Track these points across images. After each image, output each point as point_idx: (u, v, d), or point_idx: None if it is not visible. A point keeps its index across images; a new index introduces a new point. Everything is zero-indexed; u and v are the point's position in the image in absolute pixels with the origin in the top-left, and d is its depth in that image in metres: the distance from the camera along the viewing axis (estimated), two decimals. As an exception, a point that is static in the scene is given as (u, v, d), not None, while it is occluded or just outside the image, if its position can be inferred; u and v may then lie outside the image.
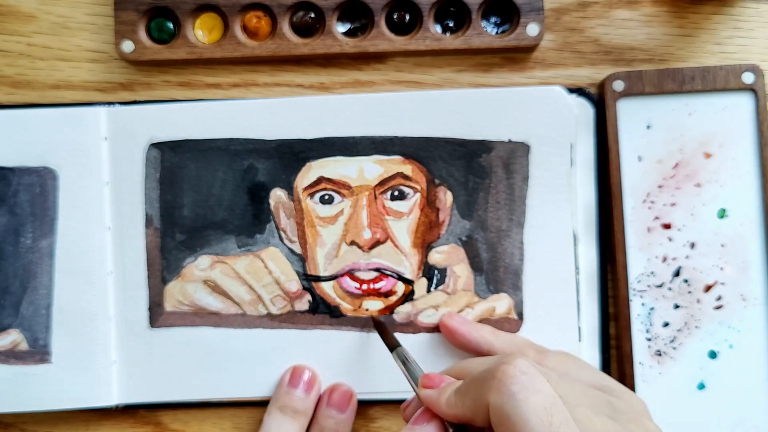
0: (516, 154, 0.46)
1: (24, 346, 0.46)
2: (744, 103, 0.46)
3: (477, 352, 0.44)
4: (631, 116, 0.46)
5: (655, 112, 0.46)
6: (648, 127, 0.46)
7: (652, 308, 0.46)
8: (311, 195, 0.47)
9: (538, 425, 0.30)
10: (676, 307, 0.46)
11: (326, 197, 0.47)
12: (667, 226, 0.46)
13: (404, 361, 0.40)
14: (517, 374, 0.32)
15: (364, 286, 0.47)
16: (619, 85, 0.45)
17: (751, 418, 0.45)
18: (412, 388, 0.38)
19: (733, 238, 0.45)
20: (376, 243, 0.46)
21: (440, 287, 0.47)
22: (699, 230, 0.46)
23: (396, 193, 0.47)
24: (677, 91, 0.46)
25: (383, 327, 0.45)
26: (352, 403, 0.46)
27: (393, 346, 0.42)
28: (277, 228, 0.47)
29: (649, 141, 0.46)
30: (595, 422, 0.33)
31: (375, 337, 0.46)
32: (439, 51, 0.47)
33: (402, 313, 0.47)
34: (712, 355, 0.45)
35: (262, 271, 0.47)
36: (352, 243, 0.46)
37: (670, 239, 0.46)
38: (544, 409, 0.31)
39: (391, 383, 0.46)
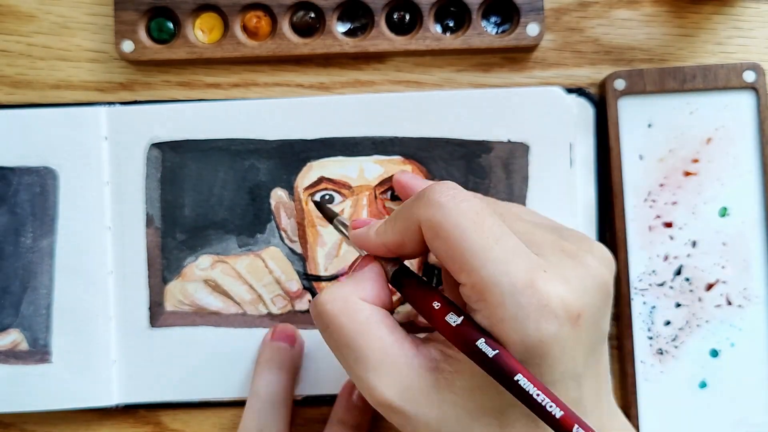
0: (515, 154, 0.46)
1: (24, 346, 0.46)
2: (745, 102, 0.46)
3: None
4: (632, 115, 0.46)
5: (656, 110, 0.46)
6: (649, 125, 0.46)
7: (653, 307, 0.46)
8: (312, 195, 0.47)
9: (470, 227, 0.30)
10: (678, 305, 0.46)
11: (327, 197, 0.47)
12: (668, 225, 0.46)
13: (345, 226, 0.40)
14: (444, 189, 0.31)
15: (365, 286, 0.46)
16: (620, 84, 0.46)
17: (752, 416, 0.45)
18: (354, 248, 0.38)
19: (735, 237, 0.45)
20: (377, 243, 0.46)
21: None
22: (700, 229, 0.46)
23: (396, 193, 0.47)
24: (678, 89, 0.46)
25: (318, 204, 0.45)
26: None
27: (331, 217, 0.42)
28: (278, 228, 0.47)
29: (650, 139, 0.46)
30: (535, 234, 0.32)
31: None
32: (439, 51, 0.47)
33: (402, 313, 0.46)
34: (714, 353, 0.45)
35: (262, 271, 0.47)
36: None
37: (671, 238, 0.46)
38: (475, 213, 0.30)
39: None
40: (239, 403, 0.47)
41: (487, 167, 0.46)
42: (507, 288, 0.29)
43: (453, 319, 0.30)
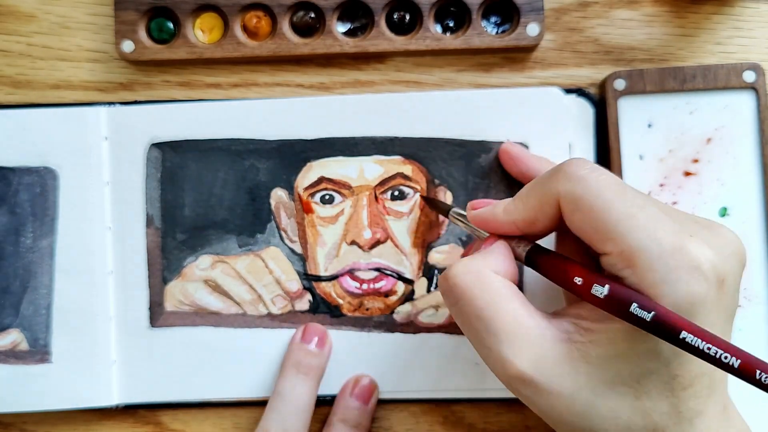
0: (516, 154, 0.46)
1: (24, 346, 0.46)
2: (745, 102, 0.46)
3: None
4: (632, 115, 0.46)
5: (657, 110, 0.46)
6: (649, 125, 0.46)
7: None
8: (312, 195, 0.47)
9: (613, 197, 0.31)
10: (677, 305, 0.46)
11: (327, 197, 0.47)
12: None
13: (460, 217, 0.40)
14: (581, 163, 0.32)
15: (365, 286, 0.47)
16: (620, 84, 0.46)
17: (750, 416, 0.45)
18: (477, 234, 0.38)
19: (734, 237, 0.46)
20: (377, 243, 0.46)
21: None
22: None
23: (396, 193, 0.47)
24: (678, 89, 0.46)
25: (430, 200, 0.45)
26: (375, 395, 0.46)
27: (447, 208, 0.42)
28: (278, 228, 0.47)
29: (650, 139, 0.46)
30: (669, 209, 0.32)
31: (376, 336, 0.46)
32: (439, 51, 0.47)
33: (402, 313, 0.47)
34: (713, 353, 0.45)
35: (262, 271, 0.47)
36: (353, 243, 0.46)
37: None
38: (616, 183, 0.31)
39: (392, 383, 0.46)
40: (239, 404, 0.47)
41: (487, 167, 0.46)
42: (656, 252, 0.29)
43: (599, 291, 0.30)
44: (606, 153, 0.46)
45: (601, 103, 0.46)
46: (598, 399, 0.31)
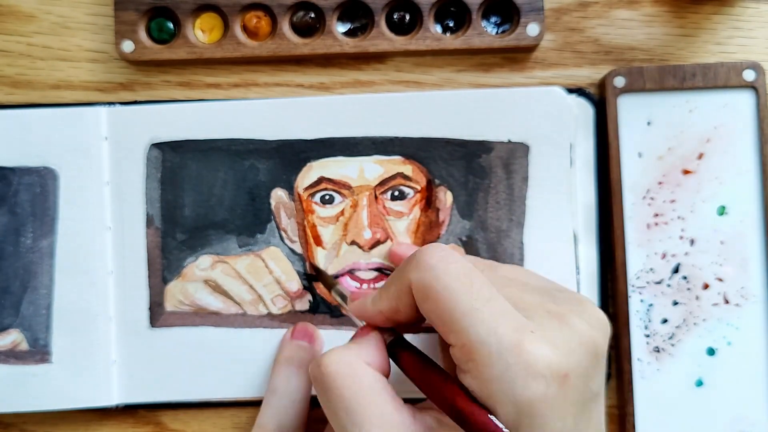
0: (516, 154, 0.46)
1: (24, 346, 0.46)
2: (745, 101, 0.46)
3: None
4: (632, 112, 0.46)
5: (656, 108, 0.46)
6: (648, 123, 0.46)
7: (650, 305, 0.46)
8: (312, 195, 0.47)
9: (459, 289, 0.31)
10: (675, 303, 0.46)
11: (327, 197, 0.47)
12: (666, 223, 0.46)
13: (342, 297, 0.42)
14: (434, 251, 0.33)
15: (365, 286, 0.47)
16: (619, 81, 0.46)
17: (748, 415, 0.45)
18: (350, 315, 0.39)
19: (733, 236, 0.46)
20: (377, 243, 0.46)
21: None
22: (698, 227, 0.46)
23: (396, 193, 0.47)
24: (678, 87, 0.46)
25: (320, 271, 0.46)
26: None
27: (330, 285, 0.43)
28: (278, 228, 0.47)
29: (649, 137, 0.46)
30: (524, 297, 0.33)
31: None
32: (439, 51, 0.47)
33: (402, 312, 0.47)
34: (711, 352, 0.46)
35: (262, 271, 0.47)
36: (353, 243, 0.46)
37: (669, 236, 0.46)
38: (464, 274, 0.31)
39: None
40: (240, 404, 0.47)
41: (488, 167, 0.46)
42: (495, 348, 0.29)
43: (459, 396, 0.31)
44: (605, 150, 0.46)
45: (601, 103, 0.46)
46: None
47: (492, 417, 0.29)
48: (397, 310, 0.34)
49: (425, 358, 0.34)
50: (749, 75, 0.45)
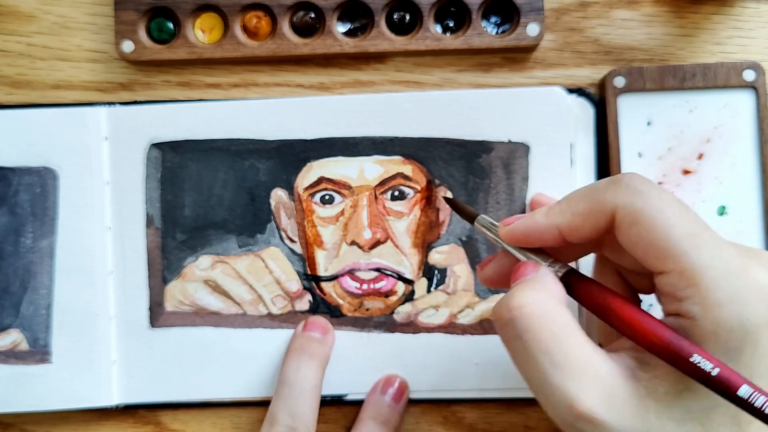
0: (516, 154, 0.46)
1: (24, 346, 0.46)
2: (745, 101, 0.46)
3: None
4: (632, 112, 0.46)
5: (656, 108, 0.46)
6: (648, 123, 0.46)
7: (650, 305, 0.46)
8: (312, 195, 0.47)
9: (676, 213, 0.30)
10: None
11: (327, 197, 0.47)
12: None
13: (488, 228, 0.38)
14: (641, 178, 0.31)
15: (365, 286, 0.47)
16: (619, 81, 0.46)
17: (749, 415, 0.45)
18: (501, 244, 0.36)
19: (733, 236, 0.45)
20: (377, 243, 0.46)
21: (440, 287, 0.46)
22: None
23: (396, 193, 0.47)
24: (678, 87, 0.46)
25: (456, 204, 0.43)
26: (406, 395, 0.46)
27: (473, 215, 0.39)
28: (278, 228, 0.47)
29: (649, 137, 0.46)
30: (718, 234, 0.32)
31: (376, 336, 0.46)
32: (439, 51, 0.47)
33: (402, 313, 0.47)
34: (713, 352, 0.45)
35: (262, 271, 0.47)
36: (353, 243, 0.46)
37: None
38: (678, 202, 0.30)
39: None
40: (239, 404, 0.47)
41: (488, 167, 0.46)
42: (722, 271, 0.28)
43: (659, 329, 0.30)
44: (605, 150, 0.46)
45: (601, 103, 0.46)
46: None
47: (696, 357, 0.28)
48: (580, 228, 0.32)
49: (606, 289, 0.32)
50: (749, 75, 0.45)
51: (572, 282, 0.33)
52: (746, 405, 0.27)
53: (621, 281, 0.36)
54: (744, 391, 0.27)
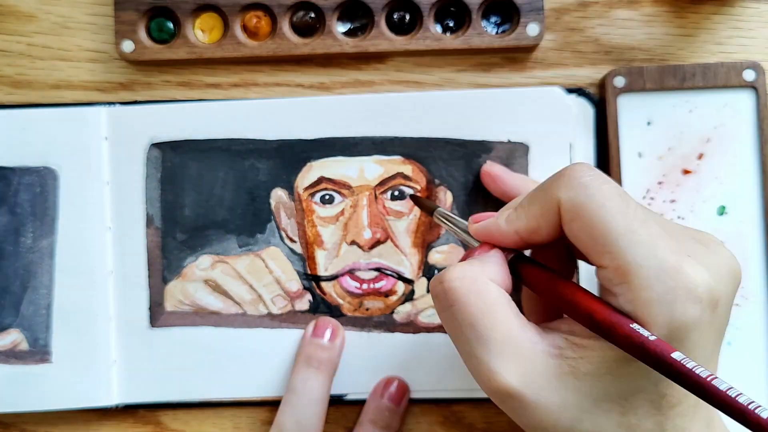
0: (515, 154, 0.46)
1: (24, 346, 0.46)
2: (745, 101, 0.46)
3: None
4: (632, 112, 0.46)
5: (656, 108, 0.46)
6: (648, 123, 0.46)
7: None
8: (312, 195, 0.47)
9: (615, 208, 0.30)
10: (677, 304, 0.46)
11: (327, 197, 0.47)
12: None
13: (446, 218, 0.39)
14: (585, 169, 0.31)
15: (365, 286, 0.47)
16: (619, 81, 0.46)
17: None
18: (463, 236, 0.37)
19: (733, 236, 0.45)
20: (377, 243, 0.46)
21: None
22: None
23: (396, 193, 0.47)
24: (678, 87, 0.46)
25: (417, 199, 0.44)
26: (406, 398, 0.46)
27: (432, 207, 0.40)
28: (278, 228, 0.47)
29: (649, 137, 0.46)
30: (667, 226, 0.32)
31: (376, 336, 0.46)
32: (439, 51, 0.47)
33: (402, 312, 0.47)
34: (712, 352, 0.46)
35: (262, 271, 0.47)
36: (353, 243, 0.46)
37: (670, 237, 0.46)
38: (618, 194, 0.30)
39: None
40: (239, 404, 0.47)
41: (487, 167, 0.46)
42: (654, 270, 0.29)
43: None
44: (605, 150, 0.46)
45: (601, 103, 0.46)
46: (585, 415, 0.30)
47: (636, 326, 0.29)
48: (538, 229, 0.33)
49: (552, 271, 0.33)
50: (749, 75, 0.45)
51: (518, 265, 0.34)
52: (677, 372, 0.27)
53: (567, 254, 0.37)
54: (677, 354, 0.27)
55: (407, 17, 0.47)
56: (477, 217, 0.36)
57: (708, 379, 0.26)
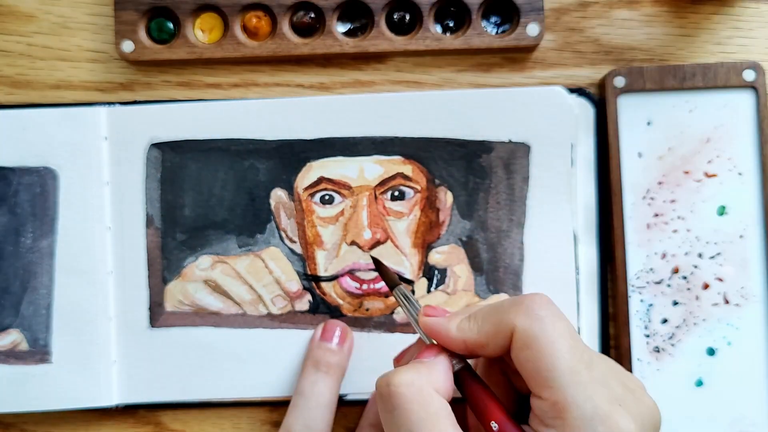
0: (516, 154, 0.46)
1: (24, 346, 0.46)
2: (744, 101, 0.46)
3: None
4: (632, 113, 0.46)
5: (656, 108, 0.46)
6: (648, 123, 0.46)
7: (650, 305, 0.46)
8: (312, 195, 0.47)
9: (566, 347, 0.32)
10: (675, 303, 0.46)
11: (327, 197, 0.47)
12: (666, 223, 0.46)
13: (406, 298, 0.39)
14: (544, 302, 0.33)
15: (365, 286, 0.47)
16: (619, 82, 0.46)
17: (748, 415, 0.45)
18: (413, 323, 0.38)
19: (733, 235, 0.46)
20: (377, 243, 0.46)
21: (440, 287, 0.47)
22: (698, 227, 0.46)
23: (396, 193, 0.47)
24: (678, 87, 0.46)
25: (381, 265, 0.42)
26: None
27: (393, 284, 0.40)
28: (278, 228, 0.47)
29: (649, 137, 0.46)
30: (600, 364, 0.34)
31: (375, 337, 0.46)
32: (439, 51, 0.47)
33: (402, 313, 0.46)
34: (711, 352, 0.46)
35: (262, 271, 0.47)
36: (353, 243, 0.46)
37: (669, 236, 0.46)
38: (570, 334, 0.33)
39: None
40: (239, 404, 0.47)
41: (488, 167, 0.46)
42: (589, 413, 0.31)
43: None
44: (605, 150, 0.46)
45: (602, 103, 0.46)
46: None
47: None
48: (485, 346, 0.34)
49: (492, 393, 0.34)
50: (749, 75, 0.45)
51: (463, 378, 0.35)
52: None
53: (505, 380, 0.38)
54: None
55: (407, 17, 0.47)
56: (429, 310, 0.37)
57: None
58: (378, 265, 0.42)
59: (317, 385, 0.44)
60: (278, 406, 0.47)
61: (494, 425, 0.33)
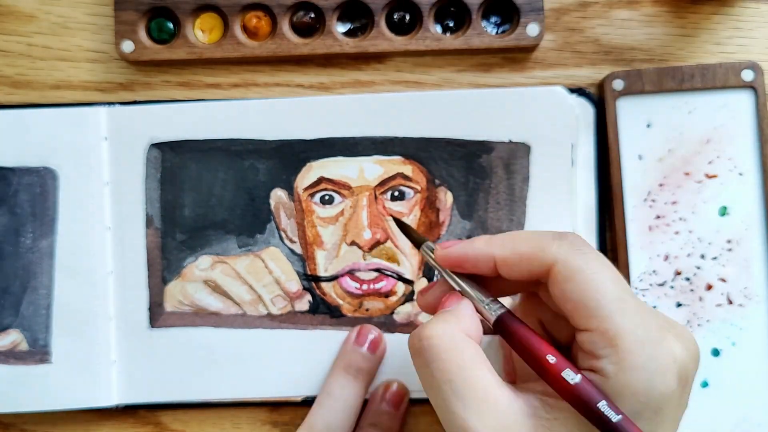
0: (516, 154, 0.46)
1: (24, 346, 0.46)
2: (744, 101, 0.46)
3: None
4: (631, 115, 0.46)
5: (655, 110, 0.46)
6: (648, 125, 0.46)
7: (654, 307, 0.46)
8: (312, 195, 0.47)
9: (610, 278, 0.31)
10: (679, 305, 0.46)
11: (326, 197, 0.47)
12: (668, 225, 0.46)
13: (433, 253, 0.38)
14: (584, 241, 0.33)
15: (365, 286, 0.47)
16: (618, 84, 0.46)
17: (754, 415, 0.45)
18: (442, 272, 0.37)
19: (735, 236, 0.45)
20: (377, 243, 0.46)
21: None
22: (700, 228, 0.46)
23: (396, 193, 0.47)
24: (677, 89, 0.46)
25: (405, 225, 0.42)
26: (405, 400, 0.46)
27: (420, 241, 0.39)
28: (278, 228, 0.47)
29: (649, 139, 0.46)
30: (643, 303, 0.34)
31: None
32: (439, 51, 0.47)
33: (402, 313, 0.46)
34: (715, 353, 0.45)
35: (262, 271, 0.47)
36: (353, 243, 0.46)
37: (671, 238, 0.46)
38: (611, 268, 0.32)
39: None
40: (239, 404, 0.47)
41: (488, 167, 0.46)
42: (641, 338, 0.30)
43: (570, 377, 0.31)
44: (605, 152, 0.46)
45: (601, 103, 0.46)
46: None
47: (603, 404, 0.30)
48: (514, 266, 0.34)
49: (540, 337, 0.33)
50: (748, 75, 0.45)
51: (504, 321, 0.34)
52: None
53: (541, 329, 0.37)
54: None
55: (407, 17, 0.47)
56: (446, 243, 0.36)
57: None
58: (401, 226, 0.42)
59: (345, 389, 0.45)
60: (278, 406, 0.47)
61: (551, 358, 0.32)
